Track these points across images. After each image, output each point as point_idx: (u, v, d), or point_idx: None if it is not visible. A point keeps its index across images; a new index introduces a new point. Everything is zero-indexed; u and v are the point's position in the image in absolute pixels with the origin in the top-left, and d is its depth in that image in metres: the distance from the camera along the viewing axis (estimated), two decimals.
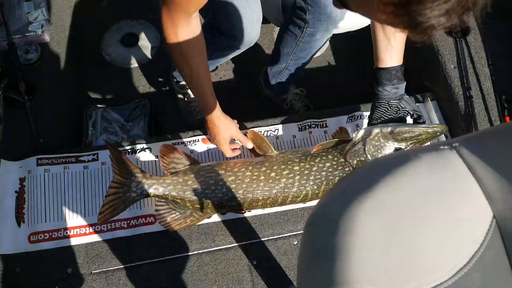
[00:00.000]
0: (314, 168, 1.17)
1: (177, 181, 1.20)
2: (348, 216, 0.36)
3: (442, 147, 0.38)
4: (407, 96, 1.18)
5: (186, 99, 1.69)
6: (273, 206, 1.21)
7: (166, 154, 1.23)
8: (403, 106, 1.15)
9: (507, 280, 0.33)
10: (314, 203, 1.24)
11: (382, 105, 1.16)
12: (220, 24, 1.36)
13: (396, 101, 1.15)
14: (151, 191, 1.18)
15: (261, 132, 1.38)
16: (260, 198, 1.18)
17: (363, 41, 1.91)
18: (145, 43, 1.93)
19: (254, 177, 1.18)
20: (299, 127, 1.39)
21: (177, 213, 1.18)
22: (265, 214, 1.25)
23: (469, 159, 0.36)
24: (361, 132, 1.16)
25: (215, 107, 1.22)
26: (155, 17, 1.96)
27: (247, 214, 1.25)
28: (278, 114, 1.69)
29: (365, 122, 1.39)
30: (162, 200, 1.19)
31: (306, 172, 1.17)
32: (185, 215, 1.18)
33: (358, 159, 1.15)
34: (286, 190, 1.17)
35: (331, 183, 1.18)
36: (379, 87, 1.15)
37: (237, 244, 1.23)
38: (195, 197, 1.18)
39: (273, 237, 1.24)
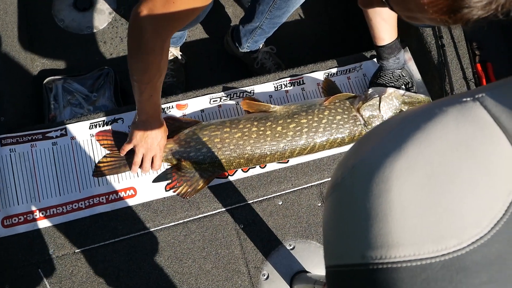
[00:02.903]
0: (323, 121, 1.19)
1: (179, 144, 1.18)
2: (381, 177, 0.35)
3: (464, 99, 0.37)
4: (407, 65, 1.32)
5: None
6: (280, 160, 1.22)
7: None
8: (404, 75, 1.28)
9: None
10: (315, 155, 1.26)
11: (386, 75, 1.28)
12: None
13: (399, 70, 1.27)
14: None
15: (236, 93, 1.34)
16: (268, 153, 1.18)
17: None
18: (100, 6, 1.81)
19: (260, 132, 1.18)
20: (275, 87, 1.36)
21: (187, 179, 1.17)
22: (248, 177, 1.24)
23: (494, 110, 0.35)
24: (376, 89, 1.24)
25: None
26: None
27: (230, 178, 1.23)
28: (249, 74, 1.66)
29: (341, 79, 1.38)
30: (169, 169, 1.20)
31: (315, 124, 1.19)
32: (195, 178, 1.18)
33: (371, 113, 1.21)
34: (293, 143, 1.18)
35: (340, 135, 1.21)
36: (383, 61, 1.26)
37: (222, 210, 1.22)
38: (200, 158, 1.17)
39: (257, 199, 1.24)
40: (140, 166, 1.18)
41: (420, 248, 0.33)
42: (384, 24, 1.19)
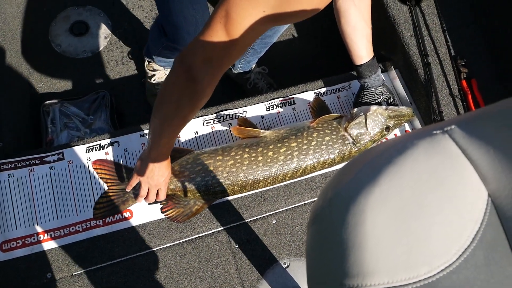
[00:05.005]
0: (313, 143, 1.22)
1: (173, 174, 1.20)
2: (356, 210, 0.37)
3: (434, 131, 0.39)
4: (386, 82, 1.36)
5: (153, 81, 1.65)
6: (274, 184, 1.24)
7: None
8: (385, 91, 1.31)
9: (506, 255, 0.35)
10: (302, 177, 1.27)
11: (370, 93, 1.31)
12: (165, 25, 1.33)
13: (380, 87, 1.31)
14: None
15: (229, 115, 1.37)
16: (261, 178, 1.21)
17: (321, 15, 1.92)
18: (96, 31, 1.85)
19: (252, 159, 1.20)
20: (266, 107, 1.39)
21: (180, 206, 1.20)
22: (242, 197, 1.26)
23: (462, 142, 0.37)
24: (360, 108, 1.27)
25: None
26: (104, 2, 1.88)
27: (224, 198, 1.26)
28: (242, 95, 1.69)
29: (331, 98, 1.41)
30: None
31: (305, 147, 1.21)
32: (189, 205, 1.20)
33: (358, 131, 1.24)
34: (285, 167, 1.21)
35: (330, 156, 1.23)
36: (365, 79, 1.28)
37: (217, 230, 1.24)
38: (194, 187, 1.19)
39: (252, 219, 1.26)
40: (145, 197, 1.18)
41: (394, 276, 0.35)
42: (364, 41, 1.22)
